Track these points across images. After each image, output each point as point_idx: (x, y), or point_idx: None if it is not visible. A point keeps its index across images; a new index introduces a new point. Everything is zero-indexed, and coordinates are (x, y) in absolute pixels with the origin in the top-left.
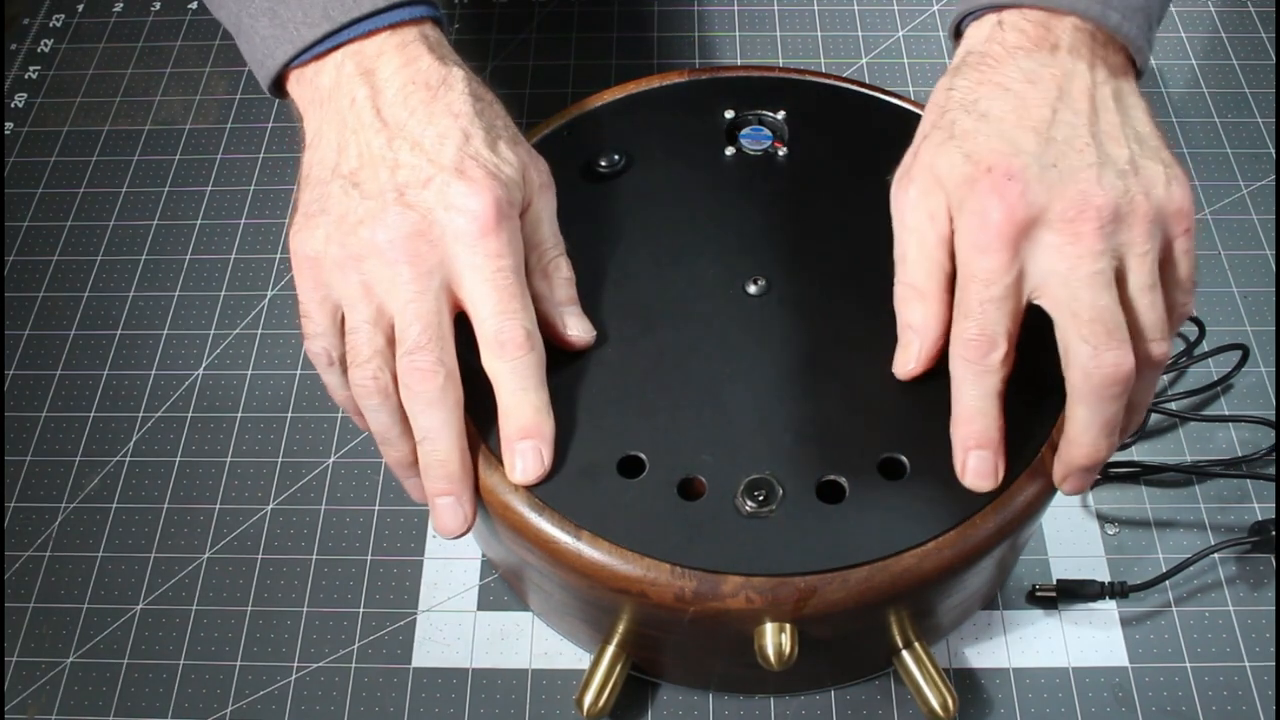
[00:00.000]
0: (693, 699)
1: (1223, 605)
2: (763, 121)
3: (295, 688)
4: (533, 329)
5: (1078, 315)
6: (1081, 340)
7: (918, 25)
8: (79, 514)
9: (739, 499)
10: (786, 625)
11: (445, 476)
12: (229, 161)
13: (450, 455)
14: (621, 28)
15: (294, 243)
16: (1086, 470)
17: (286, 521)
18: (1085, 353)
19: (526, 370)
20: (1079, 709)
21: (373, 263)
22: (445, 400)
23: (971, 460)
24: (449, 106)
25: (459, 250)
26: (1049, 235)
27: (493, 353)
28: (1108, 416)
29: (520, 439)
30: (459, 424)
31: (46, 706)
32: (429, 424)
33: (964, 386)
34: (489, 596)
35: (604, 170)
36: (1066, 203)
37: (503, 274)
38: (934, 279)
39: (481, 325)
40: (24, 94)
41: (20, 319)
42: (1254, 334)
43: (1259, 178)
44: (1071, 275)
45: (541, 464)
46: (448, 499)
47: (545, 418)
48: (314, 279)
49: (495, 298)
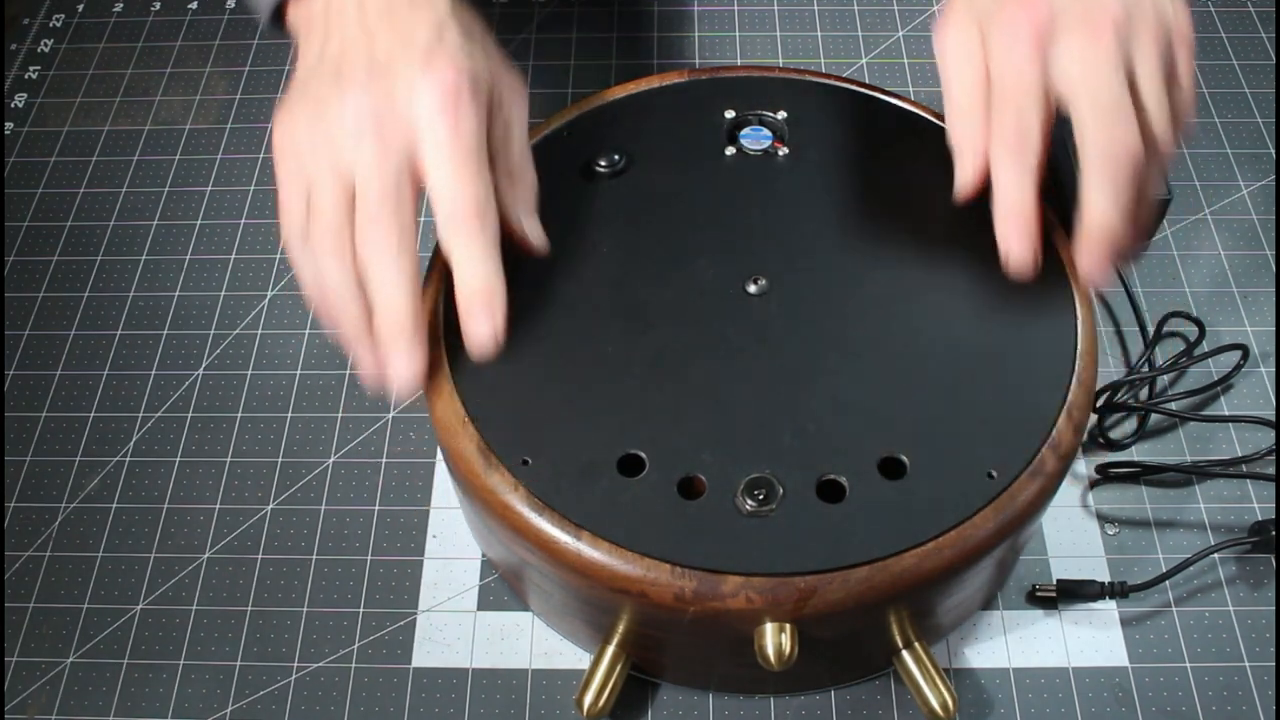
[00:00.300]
0: (693, 699)
1: (1223, 605)
2: (763, 121)
3: (295, 688)
4: (487, 203)
5: (1096, 103)
6: (1097, 122)
7: (918, 25)
8: (79, 514)
9: (739, 498)
10: (786, 625)
11: (398, 327)
12: (229, 161)
13: (403, 307)
14: (621, 28)
15: (275, 132)
16: (1104, 249)
17: (286, 521)
18: (1101, 133)
19: (480, 242)
20: (1079, 709)
21: (341, 140)
22: (400, 257)
23: (1015, 244)
24: (430, 7)
25: (422, 125)
26: (1071, 39)
27: (447, 224)
28: (1120, 192)
29: (474, 310)
30: (413, 280)
31: (46, 706)
32: (383, 277)
33: (1005, 176)
34: (489, 596)
35: (604, 170)
36: (1085, 9)
37: (462, 150)
38: (977, 98)
39: (438, 196)
40: (24, 94)
41: (20, 319)
42: (1254, 334)
43: (1259, 178)
44: (1090, 71)
45: (495, 334)
46: (399, 352)
47: (496, 287)
48: (290, 164)
49: (453, 171)
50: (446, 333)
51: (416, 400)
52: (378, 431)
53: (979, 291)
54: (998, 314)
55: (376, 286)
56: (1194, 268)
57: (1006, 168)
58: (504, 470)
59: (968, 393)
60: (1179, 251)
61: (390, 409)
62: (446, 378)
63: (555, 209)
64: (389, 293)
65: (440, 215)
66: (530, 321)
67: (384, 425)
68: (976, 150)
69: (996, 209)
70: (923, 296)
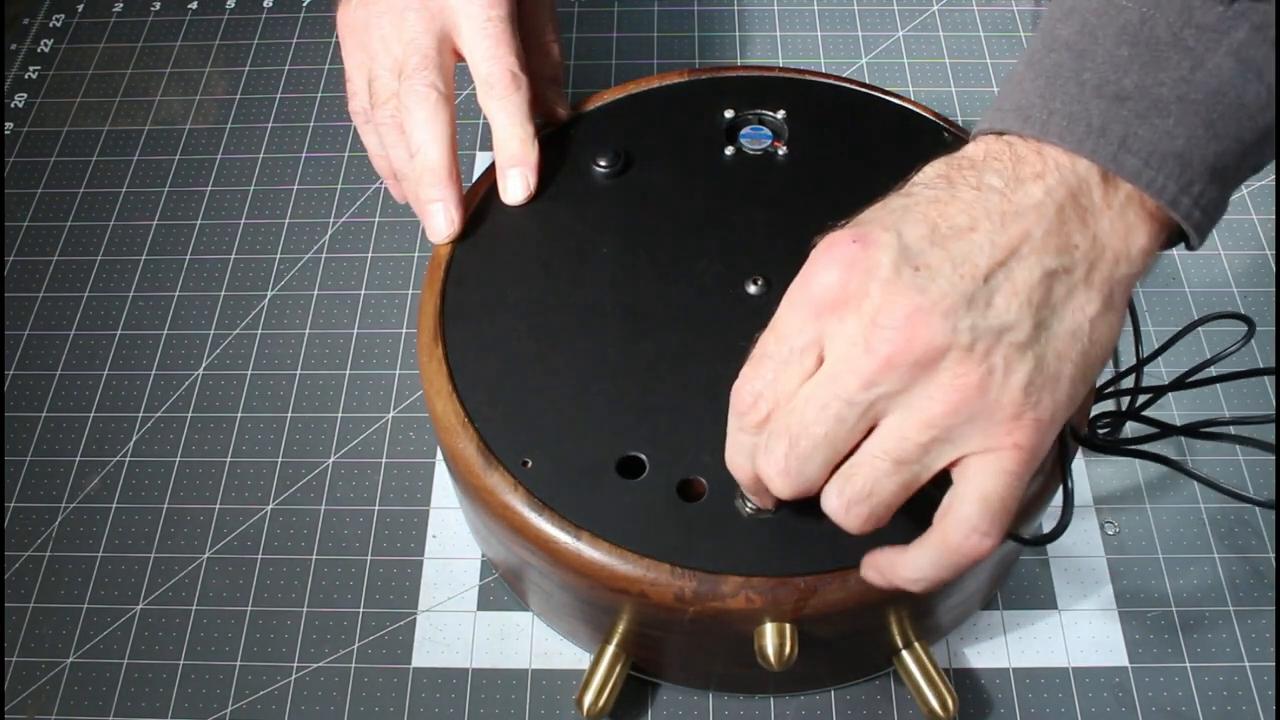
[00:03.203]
0: (693, 699)
1: (1223, 605)
2: (762, 121)
3: (295, 688)
4: (518, 71)
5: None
6: (737, 431)
7: (918, 25)
8: (79, 514)
9: (739, 499)
10: (786, 625)
11: (435, 183)
12: (229, 161)
13: (440, 163)
14: (621, 28)
15: (338, 16)
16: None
17: (286, 521)
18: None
19: (514, 107)
20: (1079, 709)
21: (388, 18)
22: (437, 117)
23: (510, 180)
24: None
25: (459, 4)
26: (851, 327)
27: (485, 92)
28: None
29: (509, 166)
30: (449, 139)
31: (46, 706)
32: (422, 138)
33: None
34: (489, 596)
35: (604, 170)
36: (888, 307)
37: (494, 23)
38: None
39: (475, 68)
40: (24, 94)
41: (20, 319)
42: (1256, 337)
43: (1259, 177)
44: (824, 377)
45: (527, 187)
46: (437, 205)
47: (530, 148)
48: (350, 44)
49: (488, 44)
50: (447, 333)
51: (416, 400)
52: (378, 431)
53: None
54: None
55: (415, 144)
56: (1194, 268)
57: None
58: (504, 470)
59: None
60: (1179, 251)
61: (390, 409)
62: (446, 378)
63: (555, 209)
64: (426, 153)
65: (478, 82)
66: (530, 322)
67: (384, 425)
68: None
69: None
70: None
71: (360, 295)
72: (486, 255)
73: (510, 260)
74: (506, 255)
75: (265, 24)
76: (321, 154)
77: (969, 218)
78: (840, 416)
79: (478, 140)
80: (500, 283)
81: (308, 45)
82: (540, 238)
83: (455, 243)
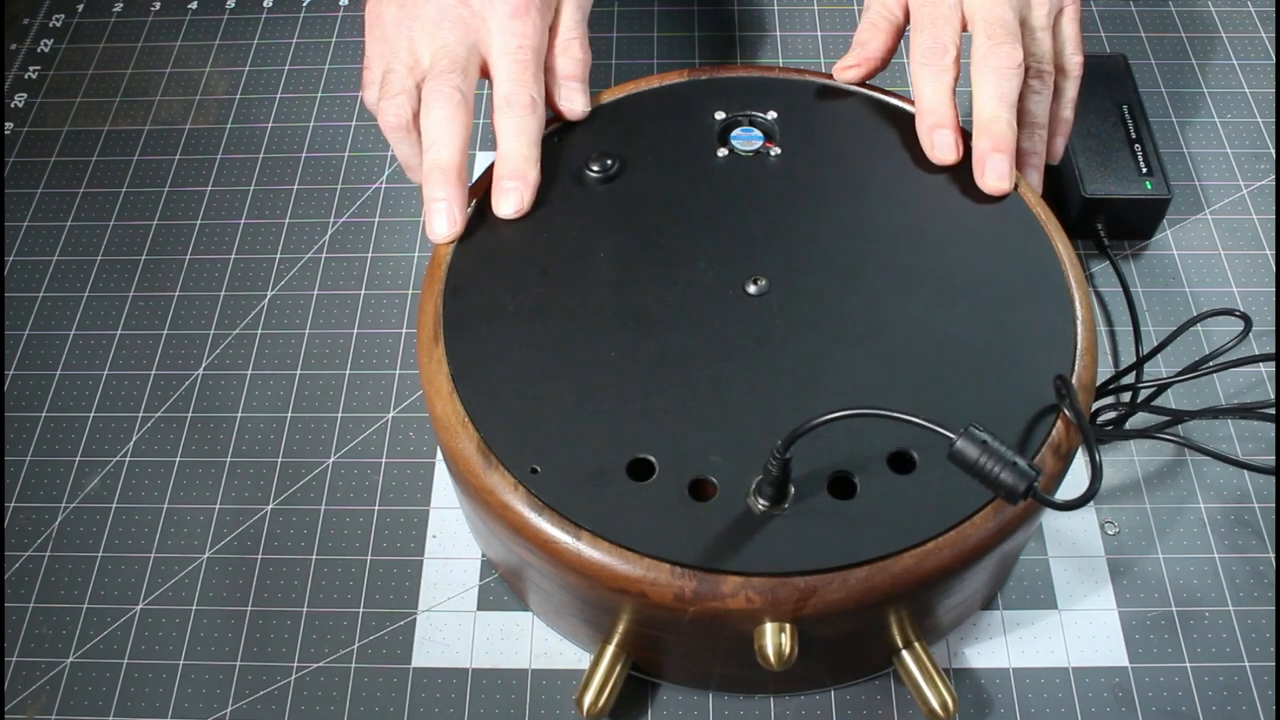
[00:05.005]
0: (693, 699)
1: (1223, 605)
2: (753, 122)
3: (295, 688)
4: (538, 98)
5: (988, 23)
6: (986, 36)
7: None
8: (79, 514)
9: (752, 497)
10: (786, 625)
11: (443, 182)
12: (229, 161)
13: (450, 163)
14: (621, 28)
15: (368, 12)
16: (995, 144)
17: (286, 521)
18: (986, 44)
19: (525, 127)
20: (1079, 709)
21: (421, 24)
22: (456, 119)
23: (937, 138)
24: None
25: (493, 26)
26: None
27: (502, 110)
28: (1004, 91)
29: (507, 179)
30: (463, 141)
31: (46, 706)
32: (436, 135)
33: (924, 85)
34: (489, 596)
35: (597, 174)
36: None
37: (523, 51)
38: (883, 25)
39: (498, 87)
40: (24, 94)
41: (20, 319)
42: (1253, 334)
43: (1259, 178)
44: (990, 3)
45: (520, 203)
46: (441, 204)
47: (531, 167)
48: (376, 35)
49: (515, 69)
50: (447, 333)
51: (416, 400)
52: (378, 431)
53: (978, 290)
54: (997, 312)
55: (429, 140)
56: (1194, 268)
57: (925, 80)
58: (504, 470)
59: (967, 392)
60: (1179, 251)
61: (390, 409)
62: (446, 378)
63: (550, 214)
64: (438, 150)
65: (497, 101)
66: (530, 326)
67: (384, 425)
68: (866, 54)
69: (918, 115)
70: (922, 293)
71: (360, 295)
72: (486, 256)
73: (508, 263)
74: (505, 257)
75: (265, 24)
76: (321, 154)
77: None
78: (1015, 10)
79: (478, 140)
80: (499, 284)
81: (308, 45)
82: (538, 240)
83: (455, 243)
